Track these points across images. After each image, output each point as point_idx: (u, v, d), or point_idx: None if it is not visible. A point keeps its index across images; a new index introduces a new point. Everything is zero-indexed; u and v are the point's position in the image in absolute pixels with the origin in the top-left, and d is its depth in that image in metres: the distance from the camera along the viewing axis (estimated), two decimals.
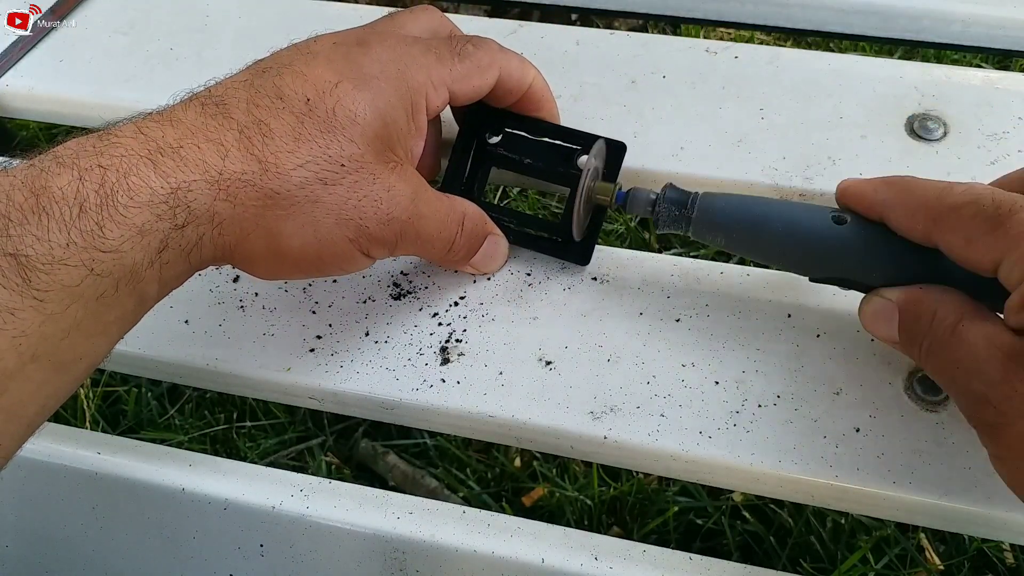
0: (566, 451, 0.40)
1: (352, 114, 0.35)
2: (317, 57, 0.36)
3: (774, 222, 0.37)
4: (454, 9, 1.22)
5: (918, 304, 0.34)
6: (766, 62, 0.53)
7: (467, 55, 0.40)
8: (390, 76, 0.37)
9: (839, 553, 0.79)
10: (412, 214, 0.37)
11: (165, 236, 0.32)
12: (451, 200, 0.40)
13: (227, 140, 0.33)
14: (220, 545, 0.43)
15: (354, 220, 0.35)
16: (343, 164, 0.35)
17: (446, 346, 0.42)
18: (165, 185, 0.31)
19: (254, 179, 0.33)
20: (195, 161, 0.32)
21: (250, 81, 0.36)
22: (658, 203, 0.39)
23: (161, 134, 0.33)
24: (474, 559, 0.40)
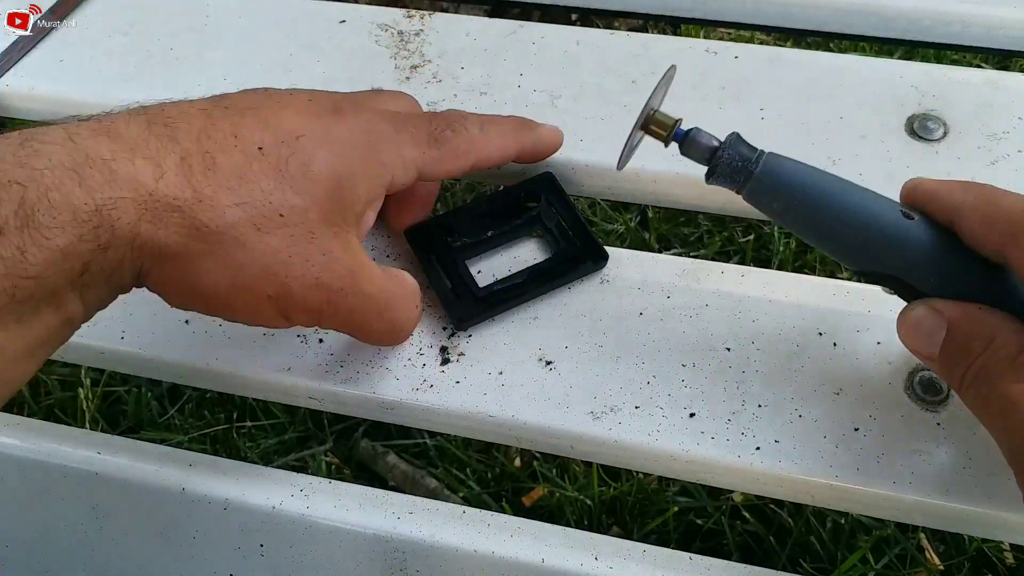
0: (566, 451, 0.40)
1: (305, 168, 0.33)
2: (287, 108, 0.35)
3: (840, 200, 0.34)
4: (454, 9, 1.22)
5: (974, 324, 0.31)
6: (766, 62, 0.53)
7: (444, 141, 0.38)
8: (357, 145, 0.35)
9: (839, 553, 0.79)
10: (349, 287, 0.34)
11: (87, 259, 0.30)
12: (401, 277, 0.38)
13: (166, 163, 0.31)
14: (220, 545, 0.43)
15: (279, 277, 0.33)
16: (281, 214, 0.32)
17: (446, 346, 0.42)
18: (90, 202, 0.29)
19: (184, 207, 0.31)
20: (126, 177, 0.30)
21: (208, 111, 0.34)
22: (721, 150, 0.35)
23: (94, 144, 0.30)
24: (474, 559, 0.40)
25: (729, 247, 1.03)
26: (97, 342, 0.43)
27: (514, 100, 0.52)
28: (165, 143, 0.32)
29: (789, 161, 0.35)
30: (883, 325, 0.41)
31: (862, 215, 0.33)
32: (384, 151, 0.36)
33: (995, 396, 0.30)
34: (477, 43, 0.56)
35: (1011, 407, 0.29)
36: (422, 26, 0.57)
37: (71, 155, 0.30)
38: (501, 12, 0.88)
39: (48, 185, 0.29)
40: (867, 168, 0.47)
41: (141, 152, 0.31)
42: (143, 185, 0.30)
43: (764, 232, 1.04)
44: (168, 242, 0.31)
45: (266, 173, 0.33)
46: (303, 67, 0.55)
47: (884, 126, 0.49)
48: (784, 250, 1.01)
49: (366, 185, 0.35)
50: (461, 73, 0.54)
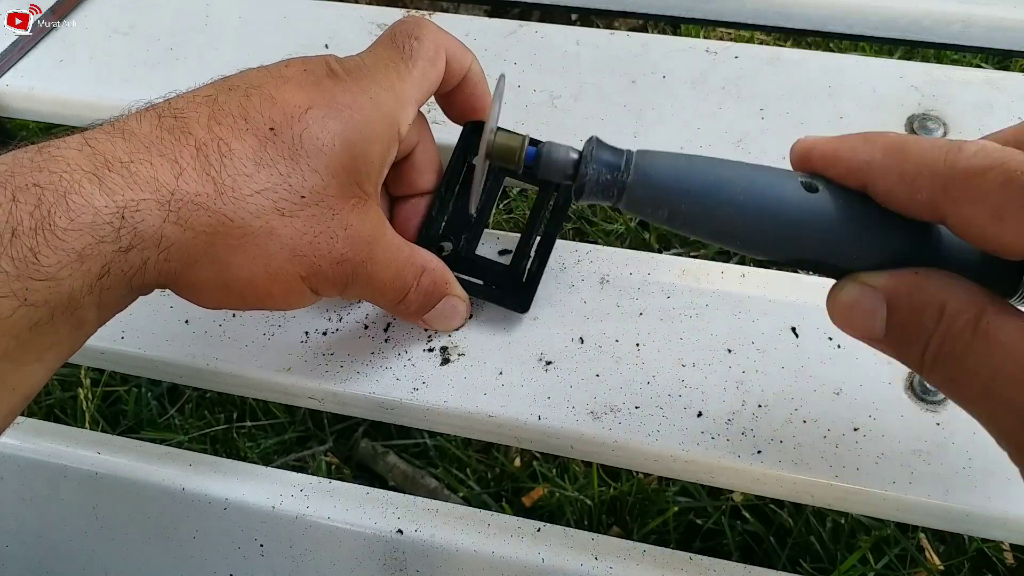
0: (566, 451, 0.40)
1: (319, 143, 0.33)
2: (288, 81, 0.34)
3: (731, 191, 0.28)
4: (454, 9, 1.22)
5: (918, 293, 0.27)
6: (766, 62, 0.53)
7: (416, 55, 0.37)
8: (362, 106, 0.35)
9: (839, 553, 0.79)
10: (366, 257, 0.35)
11: (107, 260, 0.29)
12: (412, 250, 0.38)
13: (183, 157, 0.31)
14: (220, 545, 0.43)
15: (308, 257, 0.33)
16: (303, 196, 0.33)
17: (446, 346, 0.42)
18: (111, 204, 0.29)
19: (208, 202, 0.31)
20: (146, 178, 0.30)
21: (214, 97, 0.33)
22: (583, 164, 0.30)
23: (111, 147, 0.30)
24: (474, 559, 0.40)
25: None
26: (97, 342, 0.43)
27: (514, 100, 0.52)
28: (178, 136, 0.31)
29: (663, 158, 0.30)
30: None
31: (760, 201, 0.28)
32: (385, 103, 0.35)
33: (966, 375, 0.26)
34: (477, 43, 0.56)
35: (990, 384, 0.25)
36: None
37: (89, 159, 0.29)
38: (501, 12, 0.88)
39: (67, 188, 0.28)
40: None
41: (157, 149, 0.31)
42: (164, 184, 0.30)
43: None
44: (197, 242, 0.31)
45: (281, 154, 0.32)
46: None
47: (884, 126, 0.49)
48: None
49: (379, 147, 0.35)
50: None
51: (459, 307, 0.41)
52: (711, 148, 0.48)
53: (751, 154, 0.48)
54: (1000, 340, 0.25)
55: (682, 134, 0.49)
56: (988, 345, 0.25)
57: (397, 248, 0.37)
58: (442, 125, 0.52)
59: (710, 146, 0.49)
